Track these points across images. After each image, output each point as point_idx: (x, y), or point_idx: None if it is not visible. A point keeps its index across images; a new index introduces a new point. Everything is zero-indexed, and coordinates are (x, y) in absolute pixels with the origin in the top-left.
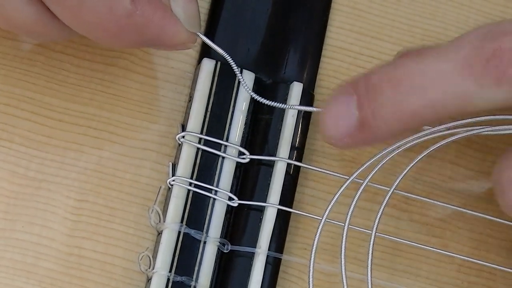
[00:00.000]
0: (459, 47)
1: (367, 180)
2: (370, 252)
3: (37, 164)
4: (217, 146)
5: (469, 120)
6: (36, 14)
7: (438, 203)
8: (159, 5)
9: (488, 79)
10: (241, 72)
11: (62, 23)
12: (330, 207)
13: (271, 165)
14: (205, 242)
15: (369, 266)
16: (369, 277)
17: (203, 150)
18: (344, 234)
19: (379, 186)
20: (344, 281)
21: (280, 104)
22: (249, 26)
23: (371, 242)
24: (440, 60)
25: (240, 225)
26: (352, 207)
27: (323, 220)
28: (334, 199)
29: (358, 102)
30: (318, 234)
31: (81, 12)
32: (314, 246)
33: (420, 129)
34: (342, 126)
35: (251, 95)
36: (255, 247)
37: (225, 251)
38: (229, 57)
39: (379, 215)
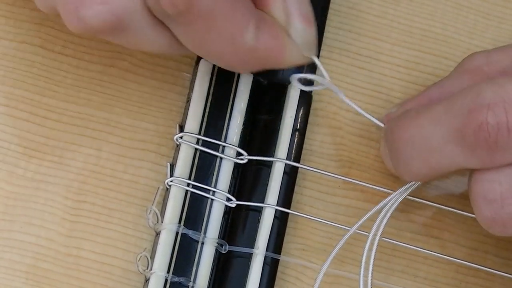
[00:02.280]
0: (449, 116)
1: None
2: (372, 256)
3: (35, 165)
4: (215, 147)
5: None
6: (168, 44)
7: (436, 204)
8: (279, 35)
9: (481, 150)
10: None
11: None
12: (331, 257)
13: (269, 165)
14: (203, 243)
15: (370, 269)
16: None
17: (201, 151)
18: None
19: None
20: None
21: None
22: None
23: (374, 248)
24: (436, 127)
25: (238, 225)
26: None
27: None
28: (335, 250)
29: (388, 151)
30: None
31: (207, 46)
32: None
33: None
34: (390, 168)
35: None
36: (253, 248)
37: (223, 252)
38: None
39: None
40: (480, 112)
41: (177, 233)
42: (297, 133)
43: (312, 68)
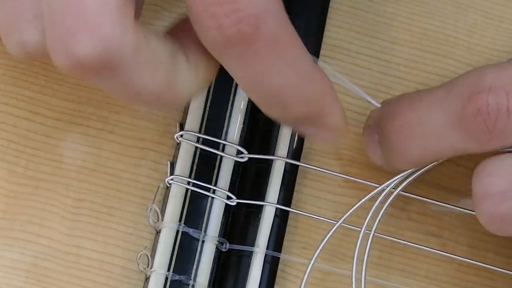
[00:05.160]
0: (449, 99)
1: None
2: (366, 252)
3: (35, 163)
4: (216, 145)
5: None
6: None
7: (437, 202)
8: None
9: (479, 133)
10: None
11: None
12: (318, 251)
13: (269, 164)
14: (203, 241)
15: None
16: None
17: (202, 149)
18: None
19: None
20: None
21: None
22: None
23: (368, 242)
24: (433, 111)
25: (238, 224)
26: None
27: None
28: (324, 240)
29: (378, 139)
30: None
31: (268, 79)
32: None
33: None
34: (377, 159)
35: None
36: (254, 246)
37: (223, 250)
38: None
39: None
40: (481, 95)
41: (177, 232)
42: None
43: None
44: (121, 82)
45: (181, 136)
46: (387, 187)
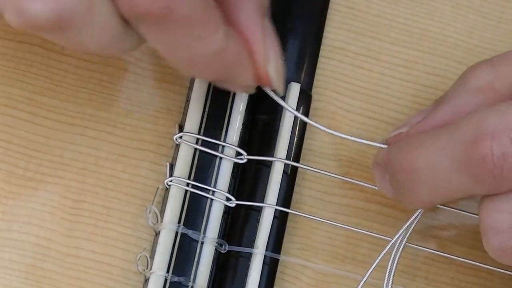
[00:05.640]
0: (453, 146)
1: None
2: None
3: (35, 165)
4: (215, 147)
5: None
6: (124, 43)
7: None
8: (244, 50)
9: (487, 179)
10: None
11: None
12: None
13: (268, 165)
14: (202, 243)
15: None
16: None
17: (201, 151)
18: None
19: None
20: None
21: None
22: None
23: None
24: (441, 156)
25: (237, 225)
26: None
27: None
28: (377, 260)
29: (388, 179)
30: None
31: (177, 50)
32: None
33: None
34: (389, 195)
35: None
36: (253, 248)
37: (222, 252)
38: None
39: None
40: (484, 142)
41: (176, 233)
42: (296, 132)
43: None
44: (69, 38)
45: (181, 137)
46: (409, 225)
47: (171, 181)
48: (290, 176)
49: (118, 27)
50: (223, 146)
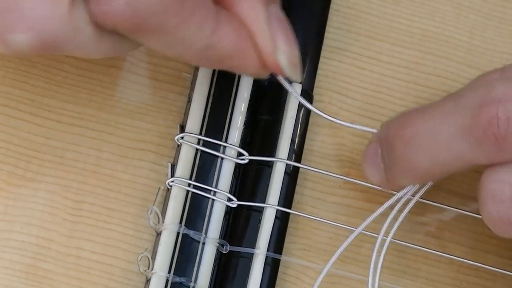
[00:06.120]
0: (459, 111)
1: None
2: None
3: (35, 165)
4: (216, 147)
5: None
6: (113, 48)
7: (437, 204)
8: (242, 34)
9: (489, 145)
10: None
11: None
12: (333, 259)
13: (270, 166)
14: (204, 243)
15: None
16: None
17: (202, 151)
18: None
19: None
20: None
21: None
22: None
23: (383, 252)
24: (443, 122)
25: (239, 226)
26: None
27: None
28: (339, 250)
29: (381, 154)
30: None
31: (165, 50)
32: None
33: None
34: (375, 175)
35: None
36: (254, 248)
37: (224, 252)
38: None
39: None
40: (491, 107)
41: (178, 233)
42: (297, 133)
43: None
44: (60, 52)
45: (182, 138)
46: (406, 194)
47: (172, 181)
48: (292, 177)
49: (103, 37)
50: (225, 147)
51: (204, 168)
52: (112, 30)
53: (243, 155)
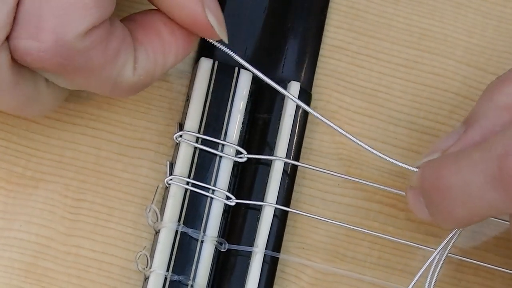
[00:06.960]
0: (488, 161)
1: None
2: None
3: (35, 163)
4: (215, 145)
5: None
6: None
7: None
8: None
9: None
10: (238, 72)
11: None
12: None
13: (268, 164)
14: (202, 241)
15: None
16: None
17: (201, 149)
18: None
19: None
20: None
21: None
22: (246, 25)
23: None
24: (474, 173)
25: (237, 224)
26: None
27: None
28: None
29: (424, 202)
30: None
31: (86, 87)
32: None
33: None
34: (426, 219)
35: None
36: (253, 246)
37: (222, 250)
38: (248, 64)
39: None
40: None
41: (176, 232)
42: (296, 131)
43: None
44: None
45: (181, 136)
46: (444, 247)
47: (171, 179)
48: (290, 175)
49: (19, 83)
50: (223, 145)
51: (203, 167)
52: (31, 75)
53: (241, 153)
